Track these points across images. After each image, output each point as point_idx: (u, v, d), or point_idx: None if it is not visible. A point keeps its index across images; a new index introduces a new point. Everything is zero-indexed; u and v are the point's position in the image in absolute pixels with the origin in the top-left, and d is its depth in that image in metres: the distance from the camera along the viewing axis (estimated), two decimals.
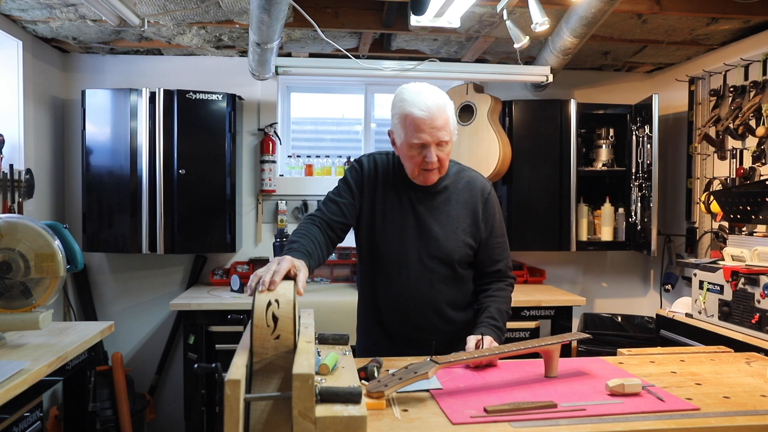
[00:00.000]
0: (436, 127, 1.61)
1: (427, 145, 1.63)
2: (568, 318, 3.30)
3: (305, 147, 3.91)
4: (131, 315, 3.62)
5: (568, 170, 3.49)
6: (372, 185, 1.77)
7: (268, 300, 1.11)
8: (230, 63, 3.65)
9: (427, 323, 1.76)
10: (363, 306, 1.88)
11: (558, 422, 1.20)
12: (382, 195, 1.76)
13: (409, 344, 1.75)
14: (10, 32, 2.94)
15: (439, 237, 1.73)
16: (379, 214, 1.75)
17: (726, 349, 1.88)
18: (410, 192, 1.76)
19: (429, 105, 1.60)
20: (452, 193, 1.77)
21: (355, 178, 1.77)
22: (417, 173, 1.69)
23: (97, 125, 3.20)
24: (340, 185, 1.78)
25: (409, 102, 1.62)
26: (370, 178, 1.77)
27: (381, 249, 1.75)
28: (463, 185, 1.79)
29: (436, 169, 1.68)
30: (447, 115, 1.64)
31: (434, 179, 1.72)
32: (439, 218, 1.75)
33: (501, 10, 2.44)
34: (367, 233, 1.77)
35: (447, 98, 1.67)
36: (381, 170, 1.78)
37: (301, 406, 0.97)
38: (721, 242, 3.06)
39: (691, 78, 3.41)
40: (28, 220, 1.88)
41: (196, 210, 3.26)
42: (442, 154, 1.66)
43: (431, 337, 1.68)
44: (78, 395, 2.28)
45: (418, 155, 1.65)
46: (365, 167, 1.78)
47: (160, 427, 3.65)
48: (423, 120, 1.60)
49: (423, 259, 1.74)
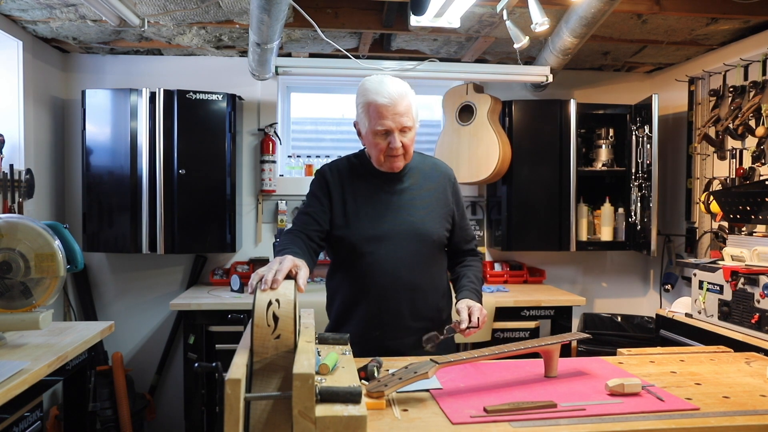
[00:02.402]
0: (398, 113, 1.68)
1: (391, 132, 1.69)
2: (568, 318, 3.30)
3: (305, 147, 3.92)
4: (131, 315, 3.62)
5: (567, 170, 3.49)
6: (338, 186, 1.81)
7: (268, 299, 1.11)
8: (230, 63, 3.65)
9: (407, 306, 1.75)
10: (338, 301, 1.84)
11: (558, 422, 1.20)
12: (351, 190, 1.80)
13: (387, 333, 1.74)
14: (10, 32, 2.94)
15: (416, 220, 1.76)
16: (351, 208, 1.77)
17: (726, 349, 1.88)
18: (379, 181, 1.80)
19: (390, 92, 1.67)
20: (421, 177, 1.83)
21: (320, 187, 1.82)
22: (383, 160, 1.74)
23: (97, 125, 3.20)
24: (307, 198, 1.83)
25: (371, 91, 1.69)
26: (335, 181, 1.82)
27: (357, 239, 1.75)
28: (430, 170, 1.86)
29: (401, 155, 1.74)
30: (409, 102, 1.71)
31: (400, 165, 1.77)
32: (413, 202, 1.79)
33: (501, 11, 2.44)
34: (344, 228, 1.77)
35: (408, 87, 1.74)
36: (344, 170, 1.84)
37: (301, 406, 0.97)
38: (721, 242, 3.06)
39: (690, 78, 3.41)
40: (28, 220, 1.88)
41: (196, 210, 3.26)
42: (405, 139, 1.72)
43: (411, 323, 1.74)
44: (78, 395, 2.28)
45: (383, 141, 1.71)
46: (327, 173, 1.84)
47: (160, 427, 3.65)
48: (386, 106, 1.67)
49: (402, 242, 1.74)
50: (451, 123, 3.55)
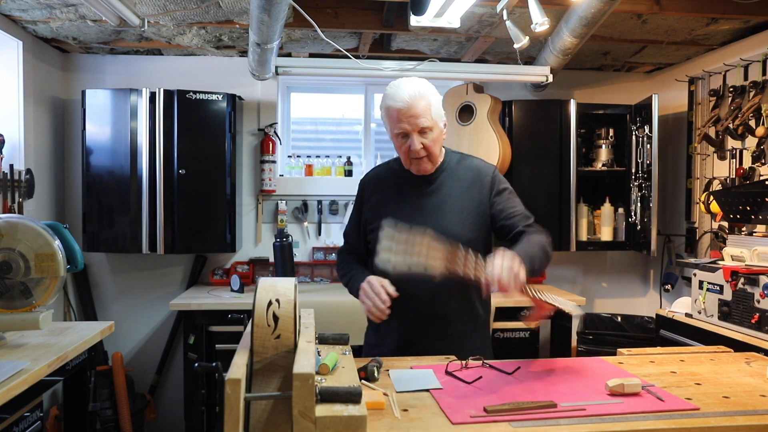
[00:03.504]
0: (413, 115, 1.69)
1: (409, 134, 1.71)
2: (568, 318, 3.30)
3: (305, 147, 3.92)
4: (131, 315, 3.62)
5: (567, 170, 3.49)
6: (373, 191, 1.87)
7: (268, 299, 1.11)
8: (230, 63, 3.65)
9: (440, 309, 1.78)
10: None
11: (558, 422, 1.20)
12: (385, 194, 1.84)
13: (422, 335, 1.77)
14: (10, 32, 2.94)
15: (444, 223, 1.75)
16: (384, 211, 1.79)
17: (726, 349, 1.88)
18: (410, 185, 1.82)
19: (404, 96, 1.69)
20: (454, 178, 1.82)
21: (357, 199, 1.93)
22: (409, 163, 1.77)
23: (97, 125, 3.20)
24: (353, 212, 1.96)
25: (388, 95, 1.72)
26: (370, 189, 1.89)
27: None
28: (464, 170, 1.85)
29: (425, 157, 1.74)
30: (427, 103, 1.71)
31: (427, 167, 1.78)
32: (443, 205, 1.79)
33: (501, 11, 2.44)
34: (376, 231, 1.77)
35: (428, 87, 1.73)
36: (381, 175, 1.89)
37: (301, 406, 0.97)
38: (721, 242, 3.06)
39: (690, 78, 3.41)
40: (28, 220, 1.88)
41: (196, 210, 3.26)
42: (426, 141, 1.72)
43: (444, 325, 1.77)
44: (78, 395, 2.28)
45: (404, 144, 1.74)
46: (365, 182, 1.93)
47: (160, 427, 3.65)
48: (400, 110, 1.69)
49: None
50: (451, 123, 3.54)
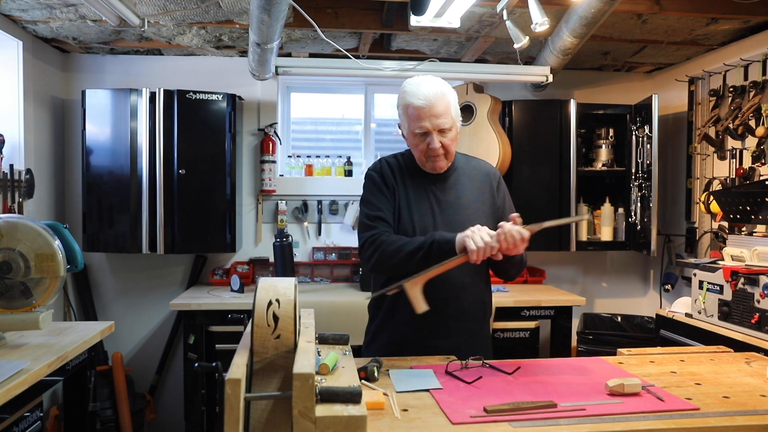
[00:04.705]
0: (435, 114, 1.69)
1: (429, 133, 1.72)
2: (568, 318, 3.30)
3: (305, 147, 3.92)
4: (131, 315, 3.62)
5: (567, 170, 3.49)
6: (393, 179, 1.84)
7: (268, 299, 1.11)
8: (230, 63, 3.65)
9: (453, 305, 1.77)
10: (387, 299, 1.83)
11: (558, 422, 1.20)
12: (403, 186, 1.83)
13: (432, 332, 1.76)
14: (10, 32, 2.94)
15: (463, 218, 1.77)
16: (403, 204, 1.80)
17: (726, 349, 1.88)
18: (426, 181, 1.83)
19: (426, 94, 1.69)
20: (466, 177, 1.85)
21: (379, 183, 1.81)
22: (425, 161, 1.78)
23: (97, 125, 3.20)
24: (372, 197, 1.81)
25: (409, 93, 1.72)
26: (390, 174, 1.83)
27: (408, 235, 1.76)
28: (473, 170, 1.88)
29: (442, 155, 1.76)
30: (447, 102, 1.72)
31: (443, 166, 1.79)
32: (460, 201, 1.81)
33: (501, 11, 2.44)
34: (396, 222, 1.80)
35: (447, 87, 1.75)
36: (395, 167, 1.87)
37: (301, 406, 0.97)
38: (721, 242, 3.06)
39: (690, 78, 3.41)
40: (28, 220, 1.88)
41: (196, 210, 3.26)
42: (445, 140, 1.74)
43: (454, 323, 1.76)
44: (78, 395, 2.28)
45: (423, 143, 1.74)
46: (384, 167, 1.84)
47: (160, 427, 3.65)
48: (422, 108, 1.69)
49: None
50: None
